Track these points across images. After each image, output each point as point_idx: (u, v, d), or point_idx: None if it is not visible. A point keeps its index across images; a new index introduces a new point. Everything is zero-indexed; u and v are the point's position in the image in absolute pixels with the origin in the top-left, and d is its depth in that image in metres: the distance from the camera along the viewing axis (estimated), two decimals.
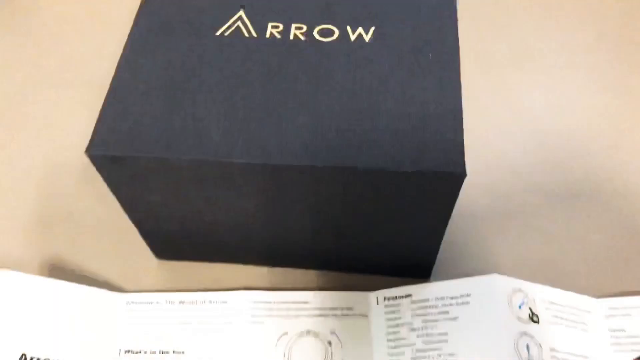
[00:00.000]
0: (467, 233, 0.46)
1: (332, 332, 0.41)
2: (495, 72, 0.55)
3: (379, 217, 0.36)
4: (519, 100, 0.53)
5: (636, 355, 0.40)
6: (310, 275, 0.45)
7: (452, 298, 0.40)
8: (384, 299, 0.42)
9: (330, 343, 0.41)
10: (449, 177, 0.32)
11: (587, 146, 0.50)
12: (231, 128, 0.33)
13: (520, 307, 0.39)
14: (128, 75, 0.35)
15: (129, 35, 0.37)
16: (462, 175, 0.31)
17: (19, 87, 0.55)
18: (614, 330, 0.41)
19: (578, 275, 0.44)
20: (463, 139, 0.32)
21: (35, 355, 0.37)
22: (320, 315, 0.42)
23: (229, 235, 0.41)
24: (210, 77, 0.35)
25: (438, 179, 0.32)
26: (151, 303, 0.43)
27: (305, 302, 0.43)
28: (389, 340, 0.40)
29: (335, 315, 0.42)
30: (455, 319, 0.39)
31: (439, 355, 0.38)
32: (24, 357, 0.37)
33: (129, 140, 0.33)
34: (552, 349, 0.39)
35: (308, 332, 0.41)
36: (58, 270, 0.45)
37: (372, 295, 0.42)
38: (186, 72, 0.35)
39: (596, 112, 0.52)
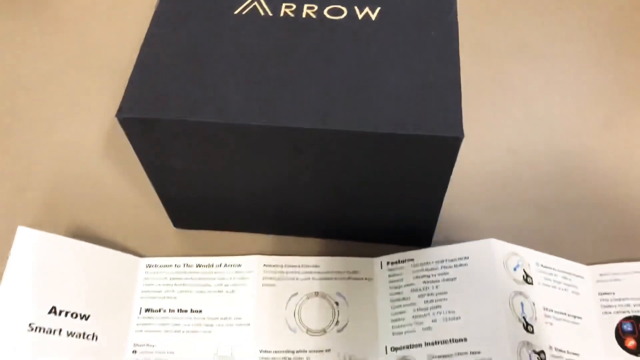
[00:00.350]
0: (465, 207, 0.49)
1: (339, 294, 0.44)
2: (493, 60, 0.58)
3: (383, 181, 0.39)
4: (515, 86, 0.56)
5: (624, 315, 0.43)
6: (320, 243, 0.47)
7: (451, 260, 0.43)
8: (388, 263, 0.45)
9: (337, 303, 0.44)
10: (448, 139, 0.35)
11: (580, 127, 0.53)
12: (249, 95, 0.36)
13: (515, 269, 0.42)
14: (153, 48, 0.38)
15: (153, 16, 0.40)
16: (459, 137, 0.34)
17: (46, 71, 0.58)
18: (604, 294, 0.44)
19: (570, 245, 0.47)
20: (461, 106, 0.35)
21: (65, 309, 0.40)
22: (328, 278, 0.45)
23: (244, 202, 0.44)
24: (229, 51, 0.38)
25: (438, 141, 0.35)
26: (170, 266, 0.46)
27: (314, 266, 0.45)
28: (392, 300, 0.43)
29: (342, 278, 0.45)
30: (454, 279, 0.42)
31: (439, 313, 0.41)
32: (54, 309, 0.40)
33: (155, 105, 0.36)
34: (545, 308, 0.42)
35: (316, 293, 0.44)
36: (81, 237, 0.48)
37: (377, 260, 0.45)
38: (207, 46, 0.38)
39: (588, 96, 0.55)
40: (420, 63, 0.37)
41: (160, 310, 0.44)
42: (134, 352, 0.42)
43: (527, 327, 0.40)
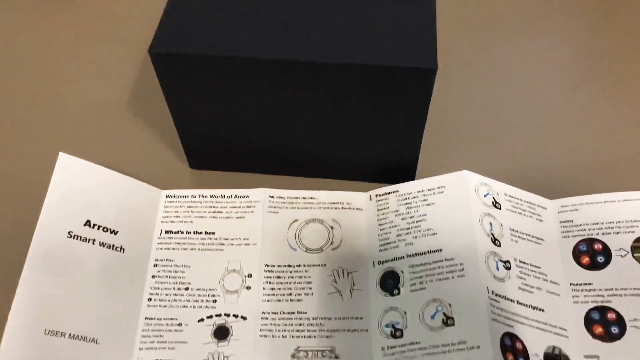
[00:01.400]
0: (443, 152, 0.56)
1: (334, 220, 0.51)
2: (471, 34, 0.65)
3: (371, 112, 0.46)
4: (491, 55, 0.63)
5: (580, 238, 0.49)
6: (319, 182, 0.54)
7: (430, 190, 0.50)
8: (376, 195, 0.52)
9: (332, 227, 0.50)
10: (424, 70, 0.42)
11: (548, 88, 0.60)
12: (259, 35, 0.43)
13: (485, 195, 0.49)
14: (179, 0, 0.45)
15: None
16: (434, 68, 0.41)
17: (75, 43, 0.66)
18: (564, 222, 0.50)
19: (537, 185, 0.53)
20: (436, 45, 0.42)
21: (97, 223, 0.47)
22: (325, 208, 0.52)
23: (252, 141, 0.50)
24: (241, 4, 0.45)
25: (416, 72, 0.42)
26: (187, 196, 0.52)
27: (313, 198, 0.52)
28: (379, 224, 0.50)
29: (337, 208, 0.52)
30: (432, 204, 0.49)
31: (419, 231, 0.48)
32: (88, 222, 0.47)
33: (181, 42, 0.43)
34: (512, 229, 0.48)
35: (314, 219, 0.51)
36: None
37: (367, 194, 0.52)
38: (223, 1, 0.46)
39: (557, 63, 0.62)
40: (402, 11, 0.44)
41: (178, 232, 0.50)
42: (155, 265, 0.49)
43: (495, 241, 0.47)
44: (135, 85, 0.62)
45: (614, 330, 0.45)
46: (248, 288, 0.48)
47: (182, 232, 0.50)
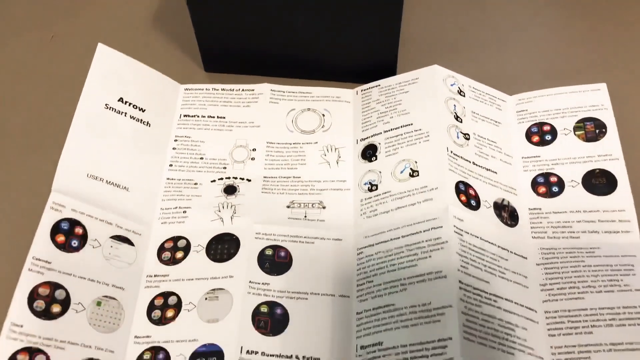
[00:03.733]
0: (420, 57, 0.65)
1: (325, 109, 0.60)
2: None
3: (353, 9, 0.55)
4: None
5: (532, 122, 0.58)
6: (314, 83, 0.64)
7: (405, 81, 0.59)
8: (362, 90, 0.61)
9: (323, 115, 0.60)
10: None
11: (516, 11, 0.69)
12: None
13: (452, 85, 0.58)
14: None
15: None
16: None
17: None
18: (520, 111, 0.59)
19: (497, 82, 0.62)
20: None
21: (129, 100, 0.57)
22: (318, 100, 0.61)
23: (259, 40, 0.60)
24: None
25: None
26: (202, 89, 0.62)
27: (308, 92, 0.62)
28: (362, 112, 0.59)
29: (328, 100, 0.61)
30: (407, 92, 0.58)
31: (395, 112, 0.57)
32: (121, 99, 0.57)
33: None
34: (473, 112, 0.57)
35: (309, 109, 0.61)
36: None
37: (354, 90, 0.62)
38: None
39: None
40: None
41: (194, 116, 0.60)
42: (176, 140, 0.59)
43: (457, 118, 0.56)
44: (159, 4, 0.72)
45: (555, 189, 0.54)
46: (252, 159, 0.57)
47: (198, 116, 0.60)
